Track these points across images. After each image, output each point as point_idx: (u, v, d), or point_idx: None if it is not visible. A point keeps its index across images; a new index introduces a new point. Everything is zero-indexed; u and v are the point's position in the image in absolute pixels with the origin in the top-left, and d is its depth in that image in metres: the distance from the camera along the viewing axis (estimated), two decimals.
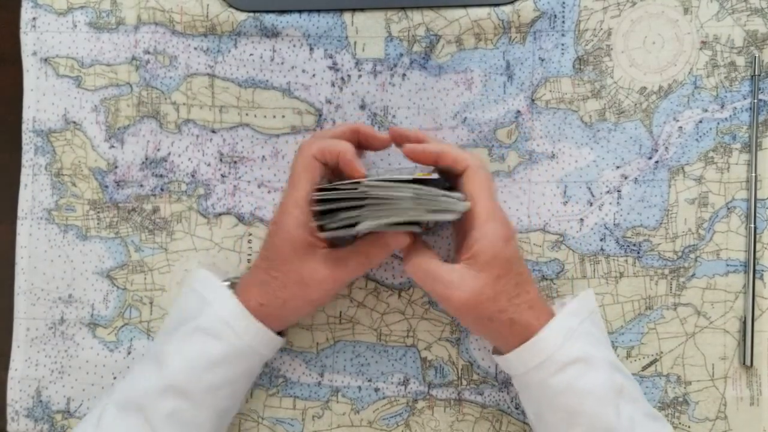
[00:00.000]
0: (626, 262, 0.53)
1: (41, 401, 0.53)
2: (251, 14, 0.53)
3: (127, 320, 0.54)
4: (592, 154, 0.53)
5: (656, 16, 0.54)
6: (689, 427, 0.53)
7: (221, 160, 0.54)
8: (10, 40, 0.54)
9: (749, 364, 0.52)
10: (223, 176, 0.54)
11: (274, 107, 0.54)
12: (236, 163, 0.54)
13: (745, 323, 0.52)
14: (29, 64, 0.54)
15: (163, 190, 0.54)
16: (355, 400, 0.53)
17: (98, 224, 0.54)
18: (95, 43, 0.54)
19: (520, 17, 0.53)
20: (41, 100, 0.54)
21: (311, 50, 0.54)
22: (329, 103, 0.54)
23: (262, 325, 0.47)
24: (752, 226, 0.53)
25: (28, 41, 0.54)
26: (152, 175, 0.54)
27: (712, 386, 0.53)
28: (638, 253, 0.53)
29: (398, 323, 0.54)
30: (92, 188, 0.54)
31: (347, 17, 0.53)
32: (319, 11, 0.53)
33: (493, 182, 0.48)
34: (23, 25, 0.54)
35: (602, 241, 0.53)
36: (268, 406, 0.53)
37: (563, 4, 0.53)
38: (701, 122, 0.53)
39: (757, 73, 0.53)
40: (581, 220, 0.53)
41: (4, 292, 0.54)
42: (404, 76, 0.54)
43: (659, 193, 0.53)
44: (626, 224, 0.53)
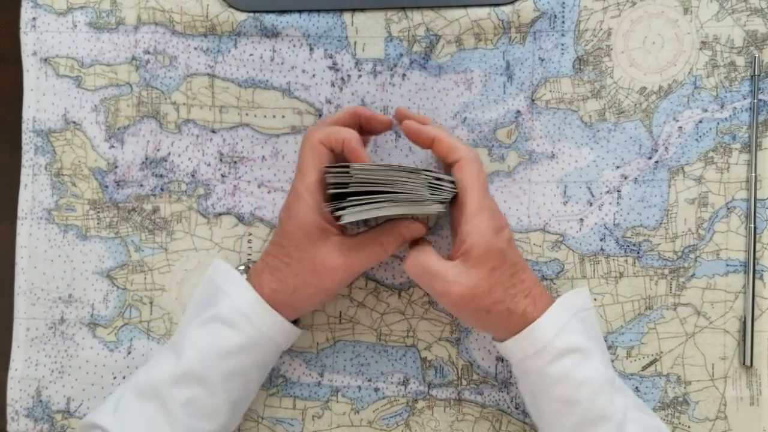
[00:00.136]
0: (626, 262, 0.53)
1: (41, 401, 0.53)
2: (251, 14, 0.53)
3: (127, 320, 0.54)
4: (592, 154, 0.53)
5: (656, 16, 0.54)
6: (689, 427, 0.53)
7: (221, 160, 0.54)
8: (10, 40, 0.54)
9: (749, 364, 0.52)
10: (223, 176, 0.54)
11: (274, 107, 0.54)
12: (236, 163, 0.54)
13: (744, 323, 0.52)
14: (29, 64, 0.54)
15: (163, 190, 0.54)
16: (355, 400, 0.53)
17: (98, 224, 0.54)
18: (95, 43, 0.54)
19: (520, 17, 0.53)
20: (41, 100, 0.54)
21: (311, 50, 0.54)
22: (329, 103, 0.54)
23: (277, 314, 0.47)
24: (752, 226, 0.53)
25: (28, 41, 0.54)
26: (152, 175, 0.54)
27: (712, 386, 0.53)
28: (638, 253, 0.53)
29: (398, 323, 0.54)
30: (92, 188, 0.54)
31: (347, 17, 0.53)
32: (319, 11, 0.53)
33: (485, 175, 0.48)
34: (23, 25, 0.54)
35: (602, 241, 0.53)
36: (268, 405, 0.53)
37: (563, 4, 0.53)
38: (701, 122, 0.53)
39: (756, 73, 0.53)
40: (581, 220, 0.53)
41: (4, 292, 0.54)
42: (404, 76, 0.54)
43: (659, 193, 0.53)
44: (626, 224, 0.53)
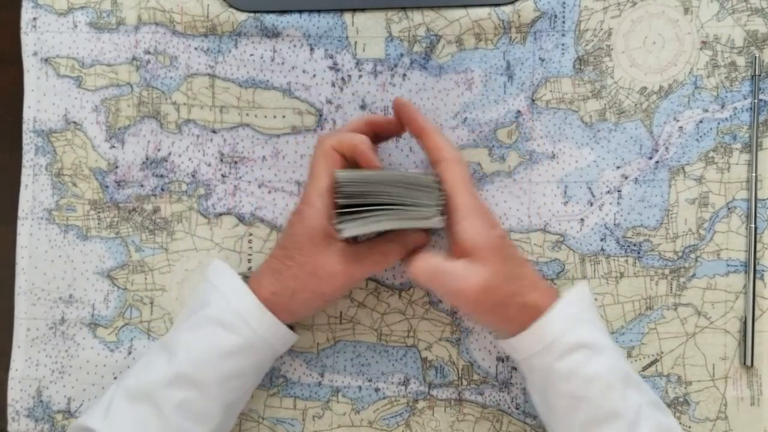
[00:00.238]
0: (626, 262, 0.53)
1: (42, 401, 0.53)
2: (252, 14, 0.53)
3: (127, 320, 0.54)
4: (592, 154, 0.53)
5: (656, 16, 0.54)
6: (690, 427, 0.53)
7: (222, 160, 0.54)
8: (10, 40, 0.54)
9: (750, 364, 0.52)
10: (223, 176, 0.54)
11: (274, 107, 0.54)
12: (237, 163, 0.54)
13: (745, 323, 0.52)
14: (30, 64, 0.54)
15: (163, 190, 0.54)
16: (355, 400, 0.53)
17: (99, 224, 0.54)
18: (96, 43, 0.54)
19: (520, 17, 0.53)
20: (42, 100, 0.54)
21: (312, 50, 0.54)
22: (330, 103, 0.54)
23: (274, 317, 0.47)
24: (753, 226, 0.53)
25: (28, 41, 0.54)
26: (153, 175, 0.54)
27: (712, 386, 0.53)
28: (638, 253, 0.53)
29: (399, 323, 0.54)
30: (93, 188, 0.54)
31: (348, 17, 0.53)
32: (319, 11, 0.53)
33: (470, 177, 0.48)
34: (24, 25, 0.54)
35: (603, 241, 0.53)
36: (268, 406, 0.53)
37: (563, 4, 0.53)
38: (702, 122, 0.53)
39: (757, 73, 0.53)
40: (582, 220, 0.53)
41: (4, 292, 0.54)
42: (405, 76, 0.54)
43: (659, 193, 0.53)
44: (626, 224, 0.53)
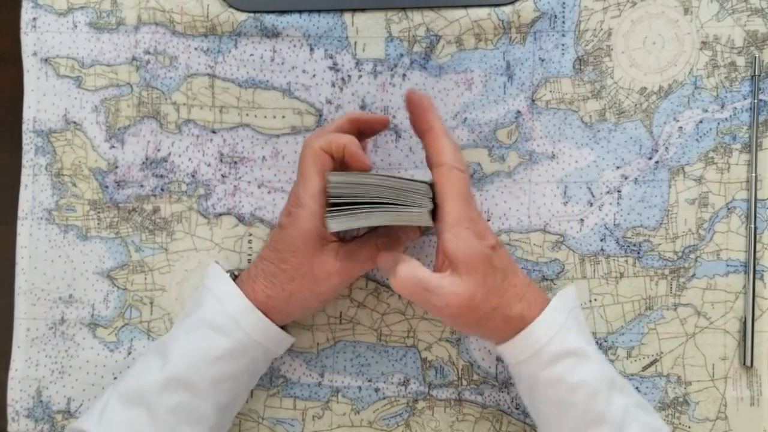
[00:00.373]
0: (626, 262, 0.53)
1: (41, 401, 0.53)
2: (251, 14, 0.53)
3: (127, 320, 0.54)
4: (592, 154, 0.53)
5: (656, 16, 0.54)
6: (689, 427, 0.53)
7: (221, 160, 0.54)
8: (10, 40, 0.54)
9: (749, 364, 0.52)
10: (223, 176, 0.54)
11: (274, 107, 0.54)
12: (236, 163, 0.54)
13: (745, 323, 0.52)
14: (29, 64, 0.54)
15: (163, 190, 0.54)
16: (355, 400, 0.53)
17: (98, 224, 0.54)
18: (95, 43, 0.54)
19: (520, 17, 0.53)
20: (41, 100, 0.54)
21: (311, 50, 0.54)
22: (329, 103, 0.54)
23: (267, 319, 0.47)
24: (752, 226, 0.53)
25: (28, 41, 0.54)
26: (152, 175, 0.54)
27: (712, 386, 0.53)
28: (638, 253, 0.53)
29: (398, 324, 0.54)
30: (92, 188, 0.54)
31: (347, 17, 0.53)
32: (319, 11, 0.53)
33: (468, 186, 0.46)
34: (23, 25, 0.54)
35: (602, 241, 0.53)
36: (268, 406, 0.53)
37: (563, 4, 0.53)
38: (701, 122, 0.53)
39: (757, 73, 0.53)
40: (581, 220, 0.53)
41: (4, 292, 0.54)
42: (404, 76, 0.54)
43: (659, 193, 0.53)
44: (626, 224, 0.53)
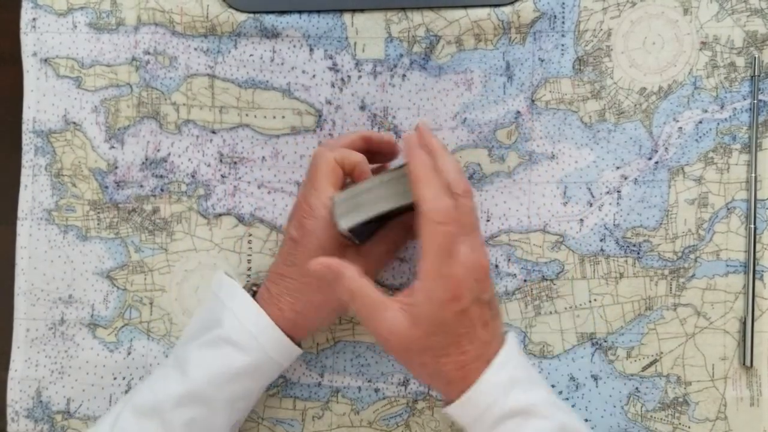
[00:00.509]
0: (626, 262, 0.53)
1: (41, 402, 0.53)
2: (251, 15, 0.53)
3: (127, 321, 0.54)
4: (592, 154, 0.53)
5: (656, 16, 0.54)
6: (689, 427, 0.53)
7: (221, 160, 0.54)
8: (10, 40, 0.54)
9: (749, 364, 0.52)
10: (223, 177, 0.54)
11: (274, 108, 0.54)
12: (236, 163, 0.54)
13: (744, 324, 0.52)
14: (29, 64, 0.54)
15: (163, 190, 0.54)
16: (355, 400, 0.53)
17: (98, 225, 0.54)
18: (95, 43, 0.54)
19: (519, 18, 0.53)
20: (41, 100, 0.54)
21: (311, 51, 0.54)
22: (329, 103, 0.54)
23: (287, 338, 0.47)
24: (752, 226, 0.53)
25: (28, 42, 0.54)
26: (152, 175, 0.54)
27: (712, 387, 0.53)
28: (638, 253, 0.53)
29: None
30: (92, 189, 0.54)
31: (347, 18, 0.53)
32: (319, 12, 0.53)
33: (451, 235, 0.43)
34: (23, 25, 0.54)
35: (602, 241, 0.53)
36: (268, 406, 0.53)
37: (563, 4, 0.53)
38: (701, 123, 0.53)
39: (756, 73, 0.53)
40: (581, 220, 0.53)
41: (4, 292, 0.54)
42: (404, 76, 0.54)
43: (659, 193, 0.53)
44: (626, 225, 0.53)
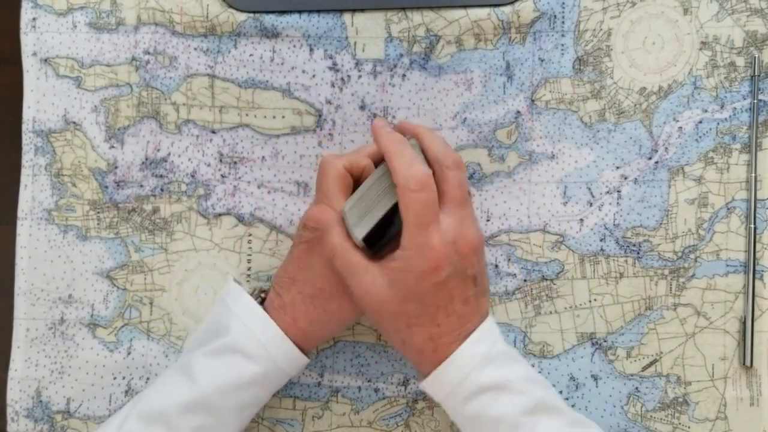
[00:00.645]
0: (626, 262, 0.53)
1: (41, 401, 0.53)
2: (251, 15, 0.53)
3: (127, 320, 0.54)
4: (592, 154, 0.53)
5: (656, 16, 0.54)
6: (689, 427, 0.53)
7: (221, 160, 0.54)
8: (10, 40, 0.54)
9: (749, 364, 0.52)
10: (223, 177, 0.54)
11: (274, 108, 0.54)
12: (236, 163, 0.54)
13: (744, 323, 0.52)
14: (29, 64, 0.54)
15: (163, 190, 0.54)
16: (355, 400, 0.53)
17: (98, 224, 0.54)
18: (95, 43, 0.54)
19: (519, 18, 0.53)
20: (41, 100, 0.54)
21: (311, 51, 0.54)
22: (329, 103, 0.54)
23: (296, 349, 0.46)
24: (752, 226, 0.53)
25: (28, 42, 0.54)
26: (152, 175, 0.54)
27: (712, 386, 0.53)
28: (638, 253, 0.53)
29: None
30: (92, 188, 0.54)
31: (347, 18, 0.53)
32: (319, 12, 0.53)
33: (431, 206, 0.43)
34: (23, 25, 0.54)
35: (602, 241, 0.53)
36: (267, 406, 0.53)
37: (563, 4, 0.53)
38: (701, 122, 0.53)
39: (756, 73, 0.53)
40: (581, 220, 0.53)
41: (4, 292, 0.54)
42: (404, 76, 0.54)
43: (659, 193, 0.53)
44: (626, 224, 0.53)
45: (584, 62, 0.54)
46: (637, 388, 0.53)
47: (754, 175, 0.53)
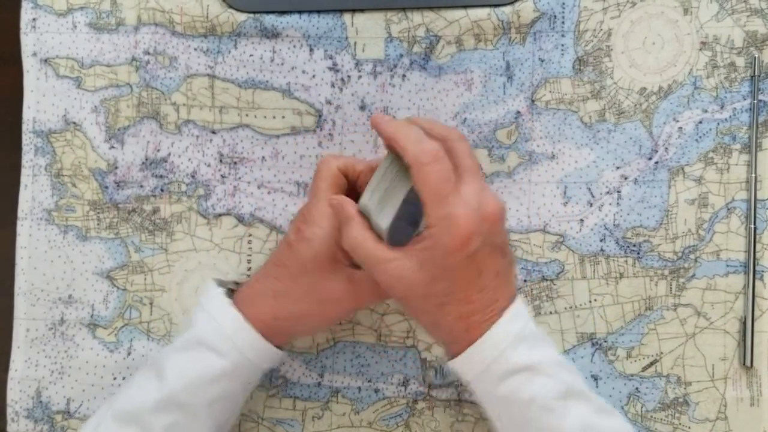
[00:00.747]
0: (626, 262, 0.53)
1: (41, 402, 0.53)
2: (251, 15, 0.53)
3: (127, 321, 0.54)
4: (592, 154, 0.53)
5: (656, 16, 0.54)
6: (689, 427, 0.53)
7: (221, 160, 0.54)
8: (10, 40, 0.54)
9: (749, 364, 0.52)
10: (223, 177, 0.54)
11: (274, 108, 0.54)
12: (236, 163, 0.54)
13: (745, 324, 0.52)
14: (29, 64, 0.54)
15: (163, 190, 0.54)
16: (355, 400, 0.53)
17: (98, 225, 0.54)
18: (95, 43, 0.54)
19: (519, 18, 0.53)
20: (41, 100, 0.54)
21: (311, 51, 0.54)
22: (329, 103, 0.54)
23: (264, 341, 0.46)
24: (752, 226, 0.53)
25: (28, 42, 0.54)
26: (152, 175, 0.54)
27: (712, 387, 0.53)
28: (638, 253, 0.53)
29: (398, 324, 0.53)
30: (92, 189, 0.54)
31: (347, 18, 0.53)
32: (319, 12, 0.53)
33: (443, 174, 0.42)
34: (23, 25, 0.54)
35: (602, 241, 0.53)
36: (268, 406, 0.53)
37: (563, 4, 0.53)
38: (701, 123, 0.53)
39: (756, 73, 0.53)
40: (581, 220, 0.53)
41: (4, 292, 0.54)
42: (404, 76, 0.54)
43: (659, 193, 0.53)
44: (626, 225, 0.53)
45: (584, 62, 0.54)
46: (637, 388, 0.53)
47: (754, 175, 0.53)
